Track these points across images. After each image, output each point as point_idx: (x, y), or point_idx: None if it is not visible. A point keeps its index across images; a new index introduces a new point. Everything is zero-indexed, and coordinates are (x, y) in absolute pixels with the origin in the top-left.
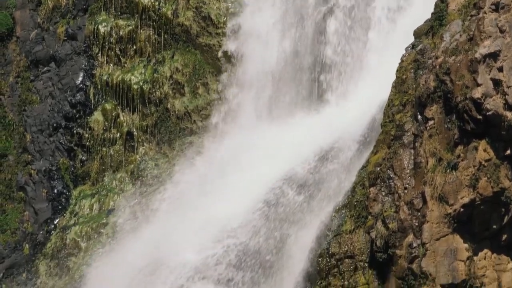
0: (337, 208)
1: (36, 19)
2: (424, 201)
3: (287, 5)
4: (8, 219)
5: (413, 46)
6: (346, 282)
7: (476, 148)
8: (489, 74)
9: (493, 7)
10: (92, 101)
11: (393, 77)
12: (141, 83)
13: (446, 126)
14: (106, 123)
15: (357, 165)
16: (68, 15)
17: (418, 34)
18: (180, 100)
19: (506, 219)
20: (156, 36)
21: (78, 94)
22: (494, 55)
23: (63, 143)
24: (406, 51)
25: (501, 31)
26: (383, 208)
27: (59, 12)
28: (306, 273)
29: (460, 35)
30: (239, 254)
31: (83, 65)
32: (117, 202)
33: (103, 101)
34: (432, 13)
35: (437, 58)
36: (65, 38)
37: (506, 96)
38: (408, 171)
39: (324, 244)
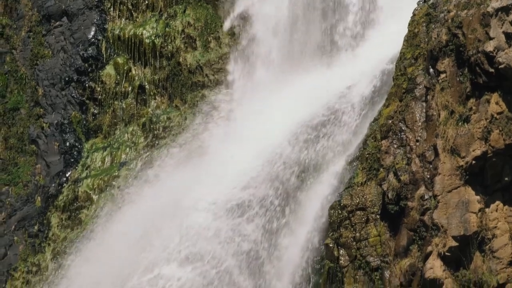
0: (349, 160)
1: None
2: (436, 154)
3: None
4: (20, 172)
5: (425, 0)
6: (357, 234)
7: (488, 101)
8: (501, 28)
9: None
10: (104, 55)
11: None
12: (153, 37)
13: (458, 79)
14: (118, 77)
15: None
16: None
17: None
18: (192, 54)
19: None
20: None
21: (90, 48)
22: (506, 9)
23: (75, 96)
24: (418, 4)
25: None
26: (395, 161)
27: None
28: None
29: None
30: (255, 202)
31: (95, 20)
32: (129, 155)
33: (115, 55)
34: None
35: (449, 12)
36: None
37: None
38: (420, 123)
39: (336, 196)
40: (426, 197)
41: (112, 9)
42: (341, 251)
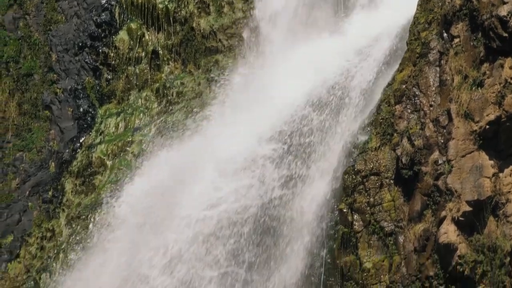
0: (363, 125)
1: None
2: (450, 118)
3: None
4: (34, 137)
5: None
6: (371, 199)
7: (502, 66)
8: None
9: None
10: (117, 21)
11: None
12: (166, 2)
13: (471, 43)
14: (131, 42)
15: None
16: None
17: None
18: (205, 19)
19: None
20: None
21: (103, 14)
22: None
23: (89, 62)
24: None
25: None
26: (409, 125)
27: None
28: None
29: None
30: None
31: None
32: (143, 121)
33: (128, 21)
34: None
35: None
36: None
37: None
38: (433, 88)
39: (350, 161)
40: (440, 162)
41: None
42: (355, 216)
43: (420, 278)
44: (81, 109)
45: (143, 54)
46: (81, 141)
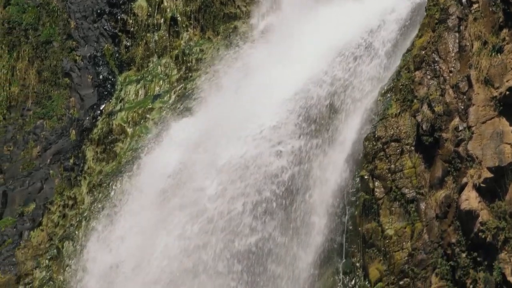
0: (383, 91)
1: None
2: (470, 84)
3: None
4: (54, 105)
5: None
6: (392, 166)
7: None
8: None
9: None
10: None
11: None
12: None
13: (490, 9)
14: (150, 9)
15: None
16: None
17: None
18: None
19: None
20: None
21: None
22: None
23: (108, 29)
24: None
25: None
26: (429, 92)
27: None
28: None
29: None
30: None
31: None
32: (162, 87)
33: None
34: None
35: None
36: None
37: None
38: (453, 54)
39: (370, 128)
40: (460, 128)
41: None
42: (376, 183)
43: (442, 245)
44: (101, 76)
45: (162, 21)
46: (101, 108)
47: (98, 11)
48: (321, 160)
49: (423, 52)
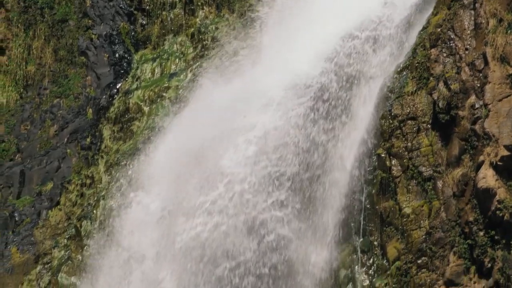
0: (399, 69)
1: None
2: (486, 62)
3: None
4: (70, 84)
5: None
6: (409, 144)
7: None
8: None
9: None
10: None
11: None
12: None
13: None
14: None
15: None
16: None
17: None
18: None
19: None
20: None
21: None
22: None
23: (123, 7)
24: None
25: None
26: (445, 69)
27: None
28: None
29: None
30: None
31: None
32: (178, 66)
33: None
34: None
35: None
36: None
37: None
38: (468, 32)
39: (387, 106)
40: (476, 106)
41: None
42: (393, 161)
43: (460, 223)
44: (117, 55)
45: None
46: (117, 87)
47: None
48: None
49: (439, 29)
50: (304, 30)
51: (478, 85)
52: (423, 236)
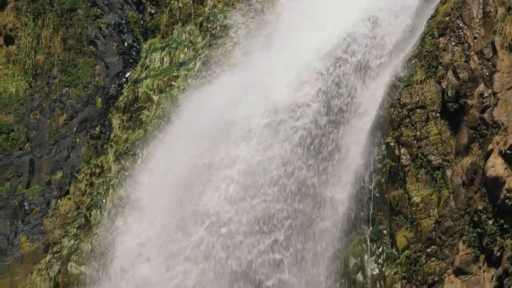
0: (407, 58)
1: None
2: (494, 51)
3: None
4: (79, 73)
5: None
6: (418, 133)
7: None
8: None
9: None
10: None
11: None
12: None
13: None
14: None
15: None
16: None
17: None
18: None
19: None
20: None
21: None
22: None
23: None
24: None
25: None
26: (453, 58)
27: None
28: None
29: None
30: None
31: None
32: (187, 55)
33: None
34: None
35: None
36: None
37: None
38: (477, 20)
39: (396, 94)
40: (485, 94)
41: None
42: (402, 150)
43: (469, 212)
44: (126, 44)
45: None
46: (126, 76)
47: None
48: None
49: (447, 18)
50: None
51: (487, 73)
52: (432, 225)
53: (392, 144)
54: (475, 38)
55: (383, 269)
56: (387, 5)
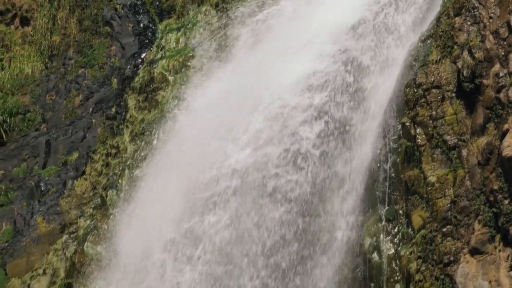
0: (423, 38)
1: None
2: (510, 30)
3: None
4: (95, 54)
5: None
6: (434, 112)
7: None
8: None
9: None
10: None
11: None
12: None
13: None
14: None
15: None
16: None
17: None
18: None
19: None
20: None
21: None
22: None
23: None
24: None
25: None
26: (469, 38)
27: None
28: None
29: None
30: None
31: None
32: (203, 35)
33: None
34: None
35: None
36: None
37: None
38: (492, 0)
39: (411, 74)
40: (501, 74)
41: None
42: (418, 129)
43: (485, 191)
44: (141, 25)
45: None
46: (142, 56)
47: None
48: None
49: None
50: None
51: (503, 53)
52: (448, 205)
53: (407, 124)
54: (490, 17)
55: (399, 248)
56: None
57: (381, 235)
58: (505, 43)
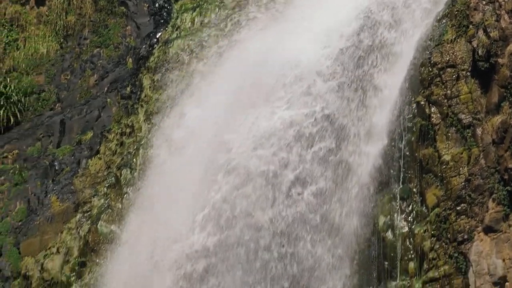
0: (438, 17)
1: None
2: None
3: None
4: (110, 33)
5: None
6: (449, 91)
7: None
8: None
9: None
10: None
11: None
12: None
13: None
14: None
15: None
16: None
17: None
18: None
19: None
20: None
21: None
22: None
23: None
24: None
25: None
26: (484, 17)
27: None
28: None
29: None
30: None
31: None
32: (218, 16)
33: None
34: None
35: None
36: None
37: None
38: None
39: (426, 54)
40: None
41: None
42: (433, 108)
43: (499, 170)
44: (157, 4)
45: None
46: (157, 36)
47: None
48: None
49: None
50: None
51: None
52: (462, 183)
53: (422, 103)
54: None
55: (413, 227)
56: None
57: (395, 214)
58: None
